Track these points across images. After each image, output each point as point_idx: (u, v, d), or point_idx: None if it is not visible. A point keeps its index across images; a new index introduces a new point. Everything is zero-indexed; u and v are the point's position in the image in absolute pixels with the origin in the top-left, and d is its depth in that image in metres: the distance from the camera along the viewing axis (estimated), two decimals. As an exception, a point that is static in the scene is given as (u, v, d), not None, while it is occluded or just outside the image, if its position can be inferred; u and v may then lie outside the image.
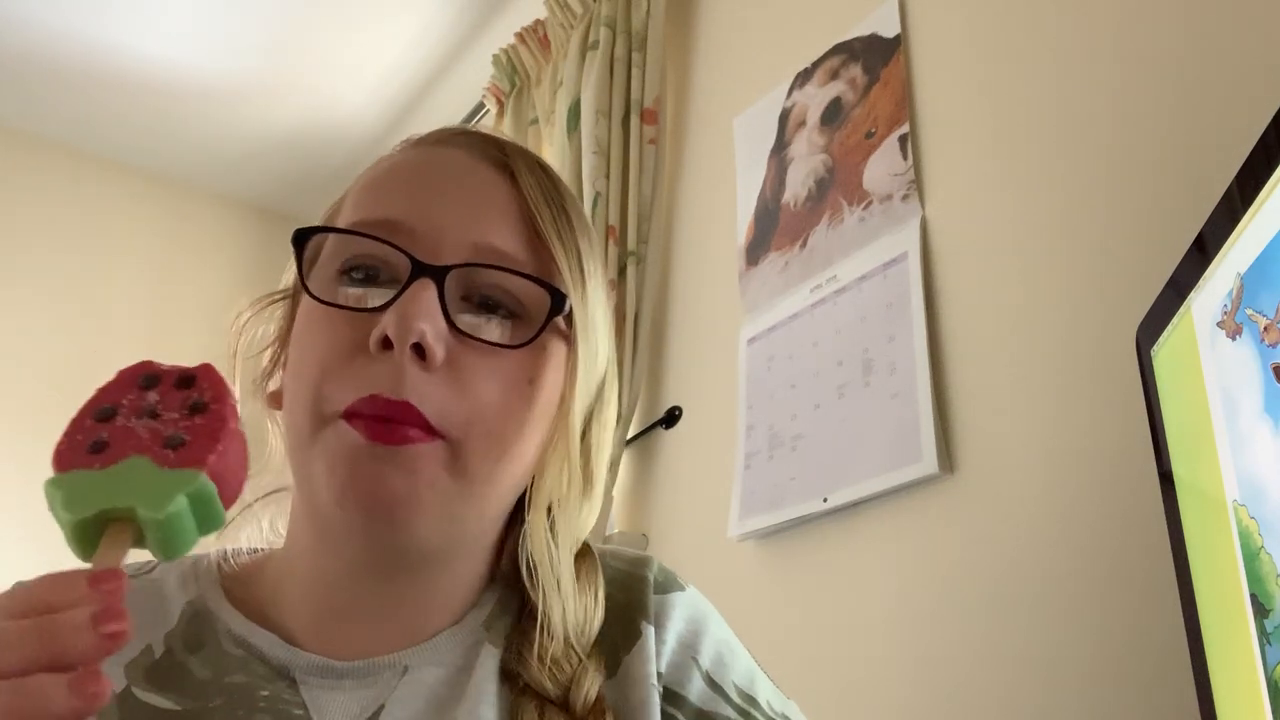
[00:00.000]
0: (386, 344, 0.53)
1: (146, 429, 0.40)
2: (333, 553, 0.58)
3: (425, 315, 0.53)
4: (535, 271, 0.58)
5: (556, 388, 0.59)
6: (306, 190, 2.75)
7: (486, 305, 0.57)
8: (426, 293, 0.54)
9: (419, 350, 0.53)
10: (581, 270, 0.60)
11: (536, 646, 0.58)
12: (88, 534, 0.37)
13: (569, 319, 0.59)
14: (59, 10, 2.18)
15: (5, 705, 0.35)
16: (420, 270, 0.55)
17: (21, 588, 0.39)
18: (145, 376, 0.42)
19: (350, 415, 0.53)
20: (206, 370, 0.44)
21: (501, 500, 0.59)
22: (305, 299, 0.58)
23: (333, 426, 0.54)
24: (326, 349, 0.56)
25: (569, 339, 0.60)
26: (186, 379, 0.43)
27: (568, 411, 0.59)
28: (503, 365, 0.56)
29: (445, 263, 0.56)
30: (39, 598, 0.37)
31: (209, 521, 0.40)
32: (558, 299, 0.58)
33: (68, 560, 0.41)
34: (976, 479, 1.12)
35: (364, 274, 0.57)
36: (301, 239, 0.59)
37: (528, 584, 0.59)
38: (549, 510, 0.60)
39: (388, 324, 0.53)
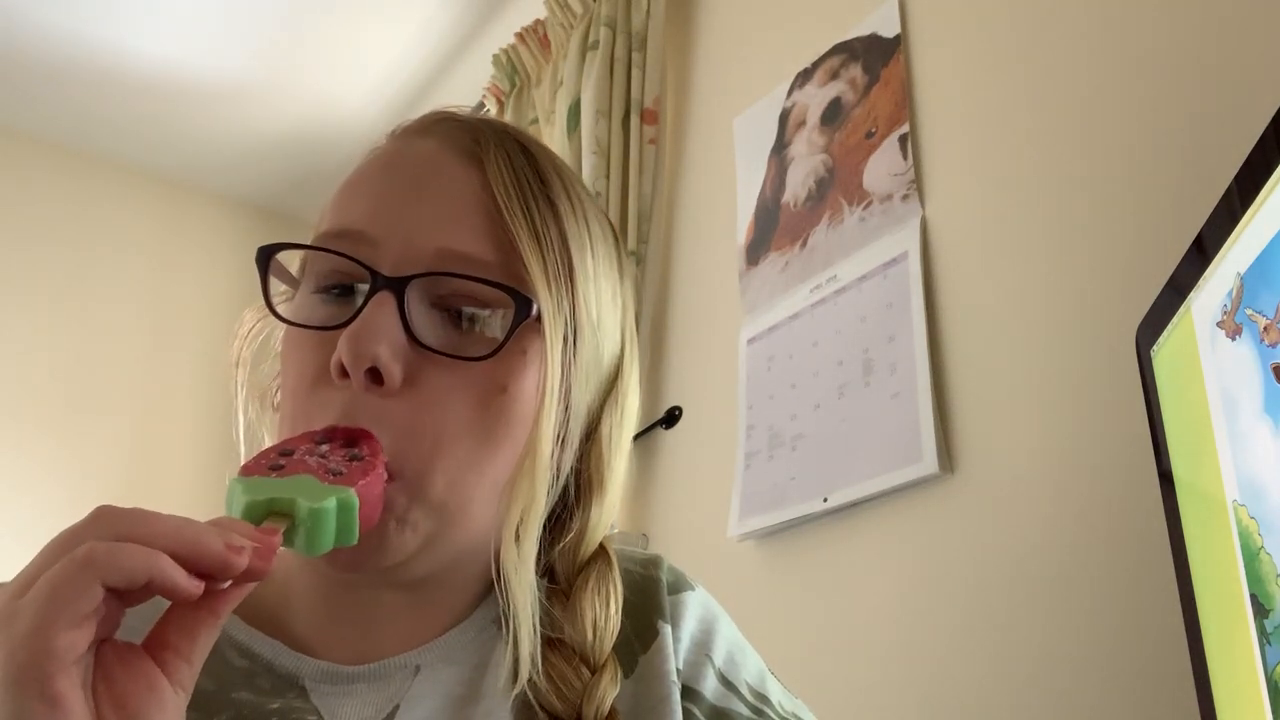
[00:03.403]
0: (345, 371, 0.52)
1: (315, 462, 0.50)
2: (323, 573, 0.58)
3: (379, 335, 0.51)
4: (503, 273, 0.54)
5: (537, 392, 0.56)
6: (306, 190, 2.75)
7: (459, 311, 0.55)
8: (384, 309, 0.52)
9: (376, 374, 0.52)
10: (569, 263, 0.57)
11: (542, 661, 0.56)
12: (255, 519, 0.46)
13: (543, 319, 0.55)
14: (59, 10, 2.18)
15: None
16: (378, 283, 0.53)
17: None
18: (321, 435, 0.52)
19: None
20: (367, 435, 0.52)
21: (484, 512, 0.56)
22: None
23: None
24: (299, 375, 0.55)
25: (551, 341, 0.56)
26: (351, 440, 0.52)
27: (539, 421, 0.55)
28: (471, 376, 0.54)
29: (406, 272, 0.53)
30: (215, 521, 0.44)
31: (346, 532, 0.48)
32: (522, 304, 0.54)
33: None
34: (976, 479, 1.12)
35: (340, 288, 0.56)
36: (263, 257, 0.57)
37: (501, 603, 0.55)
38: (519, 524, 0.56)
39: (341, 350, 0.52)
